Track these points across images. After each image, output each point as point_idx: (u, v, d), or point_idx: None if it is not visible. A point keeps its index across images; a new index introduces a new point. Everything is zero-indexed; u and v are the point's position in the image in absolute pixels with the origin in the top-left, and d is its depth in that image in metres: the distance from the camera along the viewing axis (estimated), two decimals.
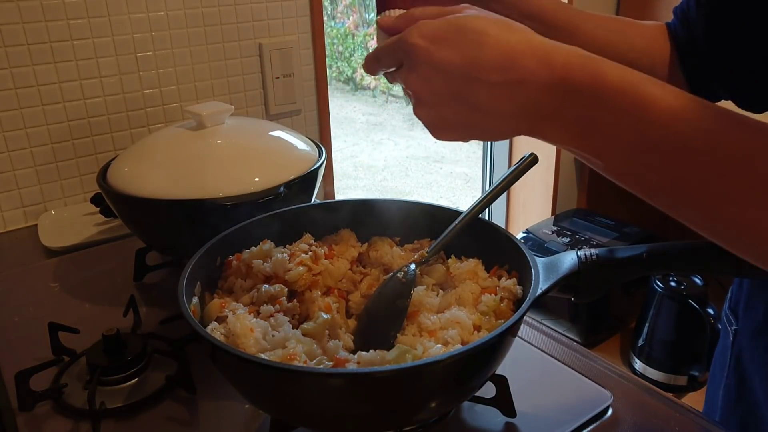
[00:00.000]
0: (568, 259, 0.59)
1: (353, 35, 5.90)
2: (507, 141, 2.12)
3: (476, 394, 0.58)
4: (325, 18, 1.46)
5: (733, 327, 0.73)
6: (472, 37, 0.43)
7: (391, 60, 0.49)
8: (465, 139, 0.49)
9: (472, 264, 0.64)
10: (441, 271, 0.65)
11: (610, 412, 0.62)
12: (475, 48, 0.43)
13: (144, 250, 0.89)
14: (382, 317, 0.59)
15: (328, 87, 1.41)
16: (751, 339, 0.69)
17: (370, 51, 0.52)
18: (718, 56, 0.65)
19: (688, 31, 0.68)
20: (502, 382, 0.60)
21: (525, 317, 0.53)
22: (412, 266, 0.63)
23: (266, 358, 0.51)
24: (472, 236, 0.66)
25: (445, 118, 0.47)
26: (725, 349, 0.75)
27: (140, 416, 0.63)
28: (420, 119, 0.49)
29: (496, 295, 0.59)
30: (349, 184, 4.49)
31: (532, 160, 0.63)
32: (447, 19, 0.45)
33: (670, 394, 0.66)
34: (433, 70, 0.44)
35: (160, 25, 1.16)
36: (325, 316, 0.59)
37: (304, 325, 0.58)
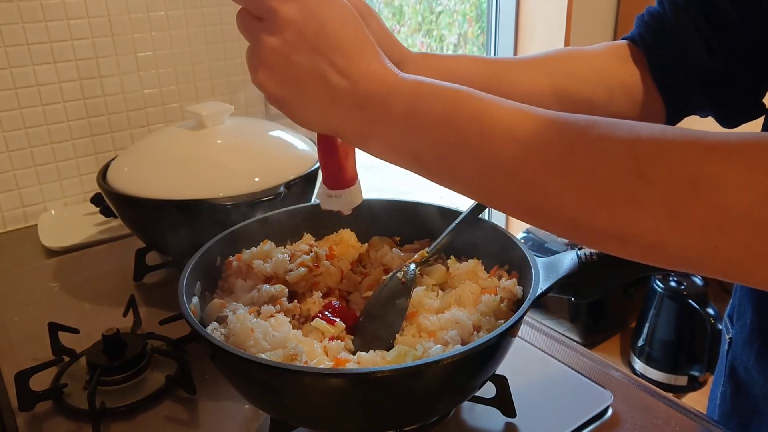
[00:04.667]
0: (568, 259, 0.59)
1: None
2: None
3: (476, 394, 0.58)
4: None
5: (729, 335, 0.73)
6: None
7: None
8: (284, 101, 0.46)
9: (472, 264, 0.64)
10: (441, 271, 0.65)
11: (610, 412, 0.62)
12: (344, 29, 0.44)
13: (144, 250, 0.89)
14: (382, 317, 0.59)
15: None
16: (742, 348, 0.68)
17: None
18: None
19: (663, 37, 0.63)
20: (502, 382, 0.60)
21: (525, 317, 0.53)
22: (412, 266, 0.63)
23: (266, 358, 0.51)
24: (472, 236, 0.66)
25: (288, 59, 0.44)
26: (723, 355, 0.75)
27: (140, 416, 0.63)
28: (259, 44, 0.45)
29: (496, 295, 0.59)
30: None
31: None
32: None
33: (670, 394, 0.66)
34: (312, 14, 0.43)
35: (160, 25, 1.16)
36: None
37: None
